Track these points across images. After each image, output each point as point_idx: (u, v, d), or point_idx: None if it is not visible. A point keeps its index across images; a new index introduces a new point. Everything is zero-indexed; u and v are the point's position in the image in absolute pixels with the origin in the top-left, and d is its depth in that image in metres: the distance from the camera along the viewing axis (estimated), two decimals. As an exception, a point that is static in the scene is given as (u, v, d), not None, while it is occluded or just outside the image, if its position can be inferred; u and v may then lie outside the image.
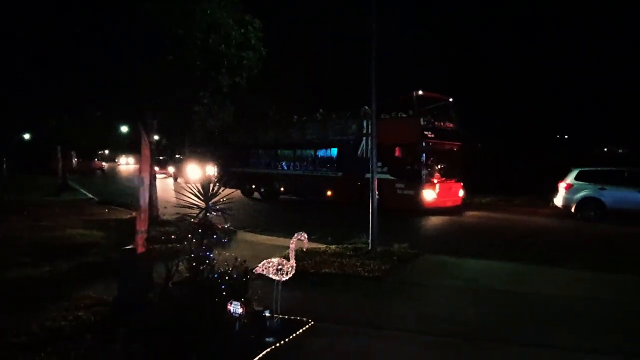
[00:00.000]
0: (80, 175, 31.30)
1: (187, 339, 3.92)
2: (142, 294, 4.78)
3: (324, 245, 8.78)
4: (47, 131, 21.52)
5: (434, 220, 13.94)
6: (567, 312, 5.45)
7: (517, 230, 12.35)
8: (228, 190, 6.05)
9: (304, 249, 5.52)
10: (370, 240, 8.41)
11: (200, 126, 13.25)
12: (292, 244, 4.81)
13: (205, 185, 5.04)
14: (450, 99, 16.40)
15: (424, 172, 14.92)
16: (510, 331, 4.84)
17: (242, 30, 11.20)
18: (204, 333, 4.09)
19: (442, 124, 16.02)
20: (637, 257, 8.84)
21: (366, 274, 6.83)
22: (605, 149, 32.83)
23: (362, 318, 5.15)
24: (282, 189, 19.58)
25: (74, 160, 36.93)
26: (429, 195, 14.91)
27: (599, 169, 14.10)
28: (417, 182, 14.91)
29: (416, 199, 14.88)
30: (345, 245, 8.75)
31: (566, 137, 33.17)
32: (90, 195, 19.28)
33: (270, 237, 10.16)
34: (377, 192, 15.10)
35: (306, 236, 4.82)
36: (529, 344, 4.48)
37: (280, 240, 9.50)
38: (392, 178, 15.48)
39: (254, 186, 20.66)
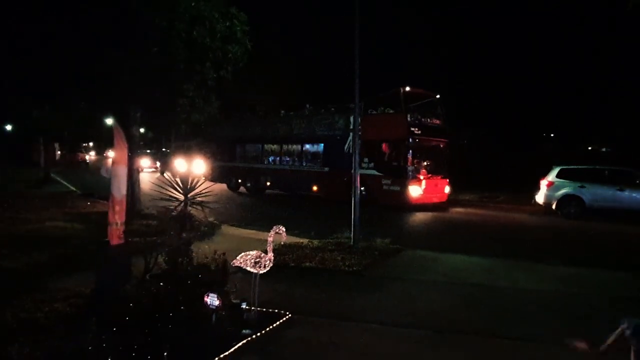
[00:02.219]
0: (64, 168, 30.82)
1: (162, 331, 3.93)
2: (119, 286, 4.76)
3: (307, 240, 8.81)
4: (29, 122, 21.11)
5: (419, 216, 14.05)
6: (542, 306, 5.55)
7: (499, 226, 12.54)
8: (214, 185, 6.07)
9: (282, 243, 5.55)
10: (352, 235, 8.46)
11: (185, 120, 13.10)
12: (271, 237, 4.83)
13: (184, 179, 5.03)
14: (437, 96, 16.50)
15: (410, 168, 15.01)
16: (485, 324, 4.93)
17: (227, 24, 11.10)
18: (179, 325, 4.09)
19: (428, 120, 16.12)
20: (613, 253, 9.07)
21: (346, 268, 6.89)
22: (590, 148, 33.38)
23: (339, 311, 5.21)
24: (268, 183, 19.56)
25: (57, 152, 36.34)
26: (415, 191, 15.01)
27: (579, 167, 14.38)
28: (404, 178, 15.00)
29: (402, 194, 14.99)
30: (327, 240, 8.80)
31: (552, 135, 33.63)
32: (72, 188, 19.03)
33: (254, 231, 10.15)
34: (363, 188, 15.35)
35: (284, 230, 4.84)
36: (504, 337, 4.57)
37: (263, 235, 9.38)
38: (379, 174, 15.57)
39: (240, 180, 20.61)
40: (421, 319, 5.01)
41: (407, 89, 15.25)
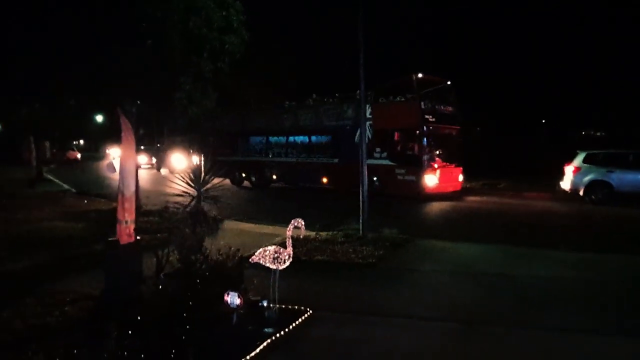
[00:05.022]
0: (56, 166, 30.25)
1: (184, 333, 3.75)
2: (133, 287, 4.57)
3: (314, 232, 8.61)
4: (18, 121, 20.58)
5: (436, 206, 13.70)
6: (565, 294, 5.42)
7: (521, 214, 12.12)
8: (217, 179, 5.86)
9: (301, 237, 5.38)
10: (361, 227, 8.30)
11: (182, 114, 12.80)
12: (289, 231, 4.64)
13: (196, 173, 4.82)
14: (449, 82, 16.01)
15: (425, 157, 14.60)
16: (507, 314, 4.82)
17: (224, 13, 10.81)
18: (200, 326, 3.93)
19: (442, 107, 15.65)
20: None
21: (360, 260, 6.74)
22: (583, 133, 33.44)
23: (360, 305, 5.06)
24: (273, 176, 19.19)
25: (48, 150, 35.68)
26: (430, 180, 14.61)
27: (605, 152, 14.08)
28: (418, 168, 14.59)
29: (417, 184, 14.58)
30: (335, 232, 8.63)
31: (543, 121, 33.66)
32: (66, 187, 18.62)
33: (260, 226, 9.92)
34: (376, 178, 15.05)
35: (303, 223, 4.65)
36: (527, 327, 4.46)
37: (270, 229, 9.32)
38: (392, 164, 15.19)
39: (244, 174, 20.16)
40: (445, 311, 4.88)
41: (420, 75, 14.68)
